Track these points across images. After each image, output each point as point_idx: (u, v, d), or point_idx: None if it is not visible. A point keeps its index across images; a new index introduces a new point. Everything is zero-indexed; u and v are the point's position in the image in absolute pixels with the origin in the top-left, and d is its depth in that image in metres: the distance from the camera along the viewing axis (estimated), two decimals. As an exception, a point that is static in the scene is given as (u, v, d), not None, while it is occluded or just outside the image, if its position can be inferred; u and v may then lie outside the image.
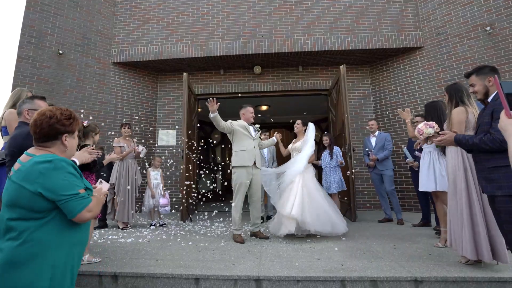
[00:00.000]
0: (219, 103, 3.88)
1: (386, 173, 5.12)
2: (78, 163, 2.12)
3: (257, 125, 4.41)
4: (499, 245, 2.49)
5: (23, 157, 1.45)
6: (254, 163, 4.05)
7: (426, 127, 2.55)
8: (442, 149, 3.43)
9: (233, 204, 4.01)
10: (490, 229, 2.52)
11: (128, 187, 4.88)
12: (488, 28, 5.48)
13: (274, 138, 4.58)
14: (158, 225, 5.08)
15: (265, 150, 5.56)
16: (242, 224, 4.10)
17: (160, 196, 5.05)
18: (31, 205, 1.32)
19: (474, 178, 2.59)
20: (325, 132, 5.15)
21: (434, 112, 3.31)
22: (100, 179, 1.84)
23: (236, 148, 4.12)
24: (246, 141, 4.09)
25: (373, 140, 5.32)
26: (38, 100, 2.26)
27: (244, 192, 4.01)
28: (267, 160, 5.54)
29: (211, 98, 3.78)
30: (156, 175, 5.21)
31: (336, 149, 5.10)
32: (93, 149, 2.65)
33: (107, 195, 1.72)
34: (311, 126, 4.35)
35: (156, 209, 5.16)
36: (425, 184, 3.56)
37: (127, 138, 5.15)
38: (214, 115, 3.84)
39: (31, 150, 1.48)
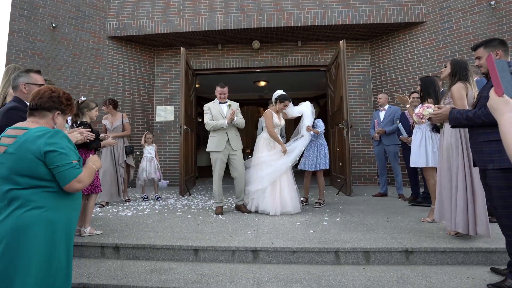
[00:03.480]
0: None
1: (391, 149, 5.11)
2: None
3: (229, 103, 4.28)
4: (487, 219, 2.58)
5: (13, 132, 1.45)
6: (230, 145, 4.14)
7: (424, 109, 2.54)
8: (434, 126, 3.43)
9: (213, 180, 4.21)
10: (480, 205, 2.59)
11: (131, 166, 5.13)
12: (492, 2, 5.32)
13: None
14: (154, 198, 5.23)
15: None
16: (222, 197, 4.21)
17: (156, 170, 5.16)
18: (37, 173, 1.40)
19: (469, 155, 2.62)
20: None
21: (431, 88, 3.29)
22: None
23: (211, 133, 4.23)
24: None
25: (382, 114, 5.22)
26: (33, 73, 2.18)
27: (220, 168, 4.14)
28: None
29: None
30: (150, 150, 5.26)
31: (318, 121, 4.62)
32: (88, 131, 2.72)
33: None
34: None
35: (143, 184, 5.22)
36: (415, 160, 3.60)
37: (115, 116, 5.06)
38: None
39: (23, 124, 1.50)
